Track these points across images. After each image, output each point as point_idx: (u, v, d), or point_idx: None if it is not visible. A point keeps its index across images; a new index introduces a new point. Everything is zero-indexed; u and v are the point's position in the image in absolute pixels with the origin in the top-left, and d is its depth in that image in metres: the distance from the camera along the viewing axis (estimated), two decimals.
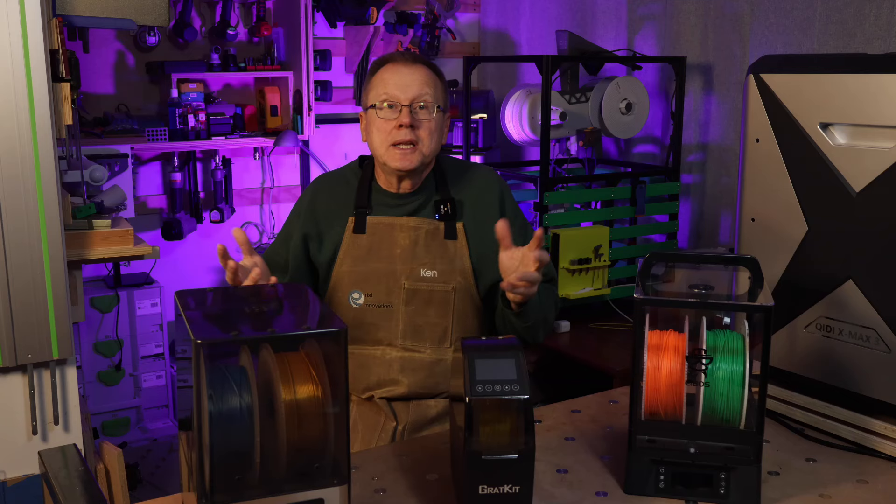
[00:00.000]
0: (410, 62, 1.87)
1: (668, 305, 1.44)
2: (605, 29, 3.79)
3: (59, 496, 1.41)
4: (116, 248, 2.41)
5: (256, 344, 1.21)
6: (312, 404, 1.19)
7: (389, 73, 1.86)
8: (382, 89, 1.85)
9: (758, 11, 3.13)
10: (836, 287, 1.61)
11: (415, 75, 1.84)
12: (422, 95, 1.83)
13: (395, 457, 1.57)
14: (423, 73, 1.86)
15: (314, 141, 4.21)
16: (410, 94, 1.83)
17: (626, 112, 3.33)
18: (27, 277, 2.07)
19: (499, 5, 4.47)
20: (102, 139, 3.58)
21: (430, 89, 1.84)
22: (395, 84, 1.84)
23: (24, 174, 2.04)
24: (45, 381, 2.20)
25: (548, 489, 1.44)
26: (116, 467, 2.26)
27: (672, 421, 1.40)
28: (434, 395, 1.90)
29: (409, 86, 1.83)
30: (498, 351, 1.34)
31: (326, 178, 2.05)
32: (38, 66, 2.03)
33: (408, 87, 1.83)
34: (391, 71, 1.86)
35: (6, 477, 2.18)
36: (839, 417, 1.62)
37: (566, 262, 3.05)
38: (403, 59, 1.87)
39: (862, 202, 1.55)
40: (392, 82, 1.84)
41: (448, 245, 1.89)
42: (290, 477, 1.20)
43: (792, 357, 1.70)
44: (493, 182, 1.97)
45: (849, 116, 1.57)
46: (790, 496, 1.43)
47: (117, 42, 3.78)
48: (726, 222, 3.37)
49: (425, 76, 1.85)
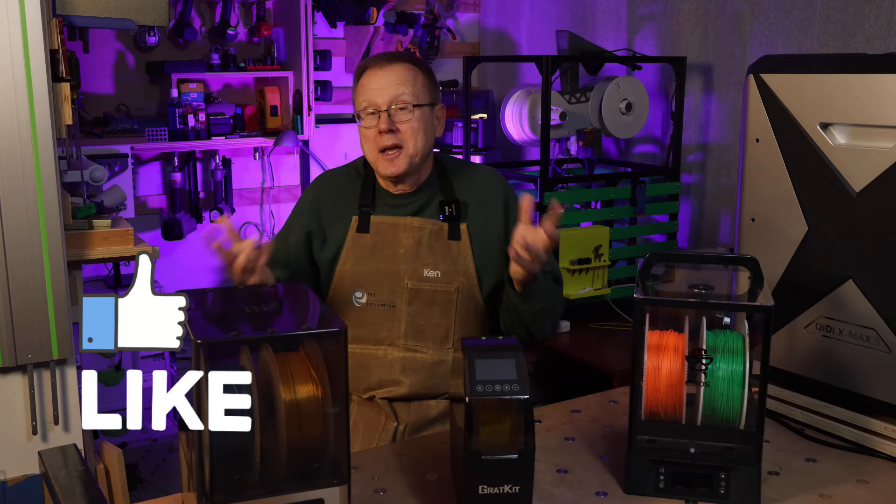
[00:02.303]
0: (385, 63, 1.84)
1: (668, 305, 1.44)
2: (605, 29, 3.79)
3: (59, 496, 1.41)
4: (116, 248, 2.41)
5: (256, 344, 1.21)
6: (312, 404, 1.19)
7: (367, 78, 1.85)
8: (362, 97, 1.84)
9: (758, 11, 3.12)
10: (836, 287, 1.61)
11: (389, 76, 1.82)
12: (399, 96, 1.82)
13: (395, 457, 1.57)
14: (399, 71, 1.83)
15: (314, 141, 4.21)
16: (387, 98, 1.81)
17: (626, 112, 3.33)
18: (27, 277, 2.07)
19: (499, 5, 4.47)
20: (102, 139, 3.58)
21: (406, 87, 1.82)
22: (372, 89, 1.83)
23: (24, 174, 2.04)
24: (45, 381, 2.20)
25: (548, 489, 1.44)
26: (116, 467, 2.26)
27: (672, 421, 1.40)
28: (435, 396, 1.90)
29: (384, 89, 1.82)
30: (498, 351, 1.34)
31: (329, 175, 2.04)
32: (38, 66, 2.03)
33: (383, 91, 1.82)
34: (368, 76, 1.85)
35: (6, 477, 2.18)
36: (839, 417, 1.62)
37: (566, 262, 3.05)
38: (378, 63, 1.85)
39: (862, 202, 1.55)
40: (369, 88, 1.83)
41: (451, 246, 1.89)
42: (290, 477, 1.20)
43: (792, 357, 1.70)
44: (497, 183, 1.97)
45: (849, 116, 1.57)
46: (790, 496, 1.43)
47: (117, 42, 3.78)
48: (726, 222, 3.37)
49: (401, 75, 1.83)
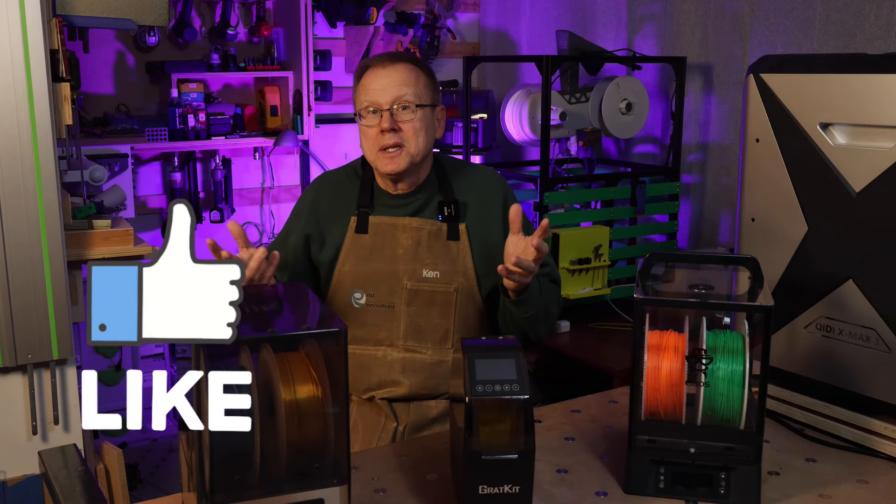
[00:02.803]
0: (388, 63, 1.85)
1: (668, 305, 1.44)
2: (605, 29, 3.79)
3: (59, 496, 1.41)
4: (116, 248, 2.41)
5: (256, 344, 1.21)
6: (312, 404, 1.19)
7: (369, 78, 1.86)
8: (364, 96, 1.85)
9: (758, 11, 3.12)
10: (836, 287, 1.61)
11: (392, 77, 1.83)
12: (401, 96, 1.82)
13: (395, 457, 1.57)
14: (401, 71, 1.84)
15: (314, 141, 4.21)
16: (389, 97, 1.82)
17: (626, 112, 3.33)
18: (27, 277, 2.07)
19: (499, 5, 4.46)
20: (102, 139, 3.57)
21: (409, 87, 1.83)
22: (374, 89, 1.84)
23: (24, 174, 2.04)
24: (44, 381, 2.20)
25: (548, 489, 1.44)
26: (116, 467, 2.26)
27: (672, 421, 1.40)
28: (435, 396, 1.90)
29: (387, 88, 1.83)
30: (498, 351, 1.34)
31: (328, 176, 2.05)
32: (38, 66, 2.03)
33: (386, 90, 1.83)
34: (370, 76, 1.86)
35: (6, 477, 2.18)
36: (839, 417, 1.62)
37: (566, 262, 3.04)
38: (381, 62, 1.86)
39: (862, 202, 1.55)
40: (371, 87, 1.84)
41: (451, 246, 1.89)
42: (290, 477, 1.20)
43: (792, 357, 1.70)
44: (497, 183, 1.97)
45: (849, 116, 1.57)
46: (790, 496, 1.43)
47: (117, 42, 3.77)
48: (726, 222, 3.37)
49: (403, 75, 1.84)
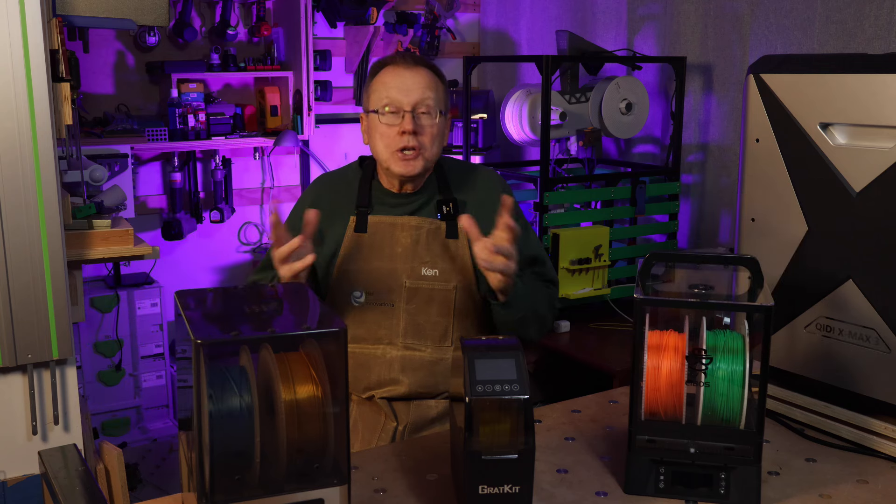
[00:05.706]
0: (412, 65, 1.84)
1: (668, 305, 1.44)
2: (605, 29, 3.79)
3: (58, 496, 1.41)
4: (116, 248, 2.41)
5: (256, 344, 1.21)
6: (312, 404, 1.19)
7: (391, 76, 1.84)
8: (384, 93, 1.83)
9: (758, 11, 3.13)
10: (836, 287, 1.61)
11: (417, 79, 1.82)
12: (424, 100, 1.82)
13: (395, 457, 1.57)
14: (425, 76, 1.84)
15: (314, 141, 4.21)
16: (413, 99, 1.81)
17: (626, 112, 3.33)
18: (27, 277, 2.07)
19: (499, 5, 4.47)
20: (102, 139, 3.57)
21: (432, 93, 1.83)
22: (397, 88, 1.82)
23: (24, 174, 2.04)
24: (45, 381, 2.19)
25: (548, 489, 1.44)
26: (116, 467, 2.26)
27: (672, 421, 1.40)
28: (434, 395, 1.90)
29: (412, 90, 1.81)
30: (498, 351, 1.34)
31: (327, 177, 2.05)
32: (38, 66, 2.03)
33: (410, 92, 1.81)
34: (392, 74, 1.84)
35: (6, 477, 2.18)
36: (839, 417, 1.62)
37: (566, 262, 3.05)
38: (405, 62, 1.85)
39: (862, 202, 1.55)
40: (394, 86, 1.82)
41: (449, 244, 1.89)
42: (290, 477, 1.20)
43: (792, 357, 1.70)
44: (496, 183, 1.98)
45: (849, 116, 1.57)
46: (790, 496, 1.43)
47: (117, 42, 3.78)
48: (726, 222, 3.37)
49: (427, 80, 1.83)
